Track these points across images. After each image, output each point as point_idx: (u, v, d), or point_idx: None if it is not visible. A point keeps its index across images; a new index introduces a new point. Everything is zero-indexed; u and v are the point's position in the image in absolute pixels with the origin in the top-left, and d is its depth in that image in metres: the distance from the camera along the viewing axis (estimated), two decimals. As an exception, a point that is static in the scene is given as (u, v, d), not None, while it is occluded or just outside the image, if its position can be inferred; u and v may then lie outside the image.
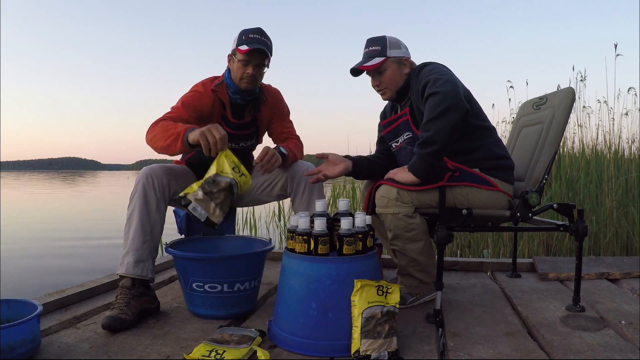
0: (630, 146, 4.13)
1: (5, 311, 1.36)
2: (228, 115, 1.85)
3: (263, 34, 1.75)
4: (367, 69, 1.72)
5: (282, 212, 5.52)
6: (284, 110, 2.00)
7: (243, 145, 1.95)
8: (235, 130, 1.87)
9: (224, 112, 1.84)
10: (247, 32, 1.73)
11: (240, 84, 1.78)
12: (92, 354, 1.29)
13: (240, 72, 1.75)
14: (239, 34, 1.76)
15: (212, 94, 1.81)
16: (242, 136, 1.92)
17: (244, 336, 1.34)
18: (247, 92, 1.82)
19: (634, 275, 2.12)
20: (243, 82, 1.76)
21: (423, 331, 1.47)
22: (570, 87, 1.84)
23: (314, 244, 1.31)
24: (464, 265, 2.39)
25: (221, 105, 1.84)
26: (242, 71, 1.75)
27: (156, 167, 1.73)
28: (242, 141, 1.93)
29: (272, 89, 1.98)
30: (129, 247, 1.61)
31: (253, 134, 1.96)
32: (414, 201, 1.61)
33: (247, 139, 1.94)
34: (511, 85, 4.39)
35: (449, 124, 1.48)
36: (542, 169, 1.74)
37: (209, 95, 1.80)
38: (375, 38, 1.75)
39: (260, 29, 1.76)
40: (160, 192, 1.67)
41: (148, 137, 1.68)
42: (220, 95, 1.82)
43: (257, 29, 1.75)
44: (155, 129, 1.65)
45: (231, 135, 1.85)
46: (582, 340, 1.37)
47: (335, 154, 1.82)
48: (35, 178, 35.11)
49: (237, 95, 1.82)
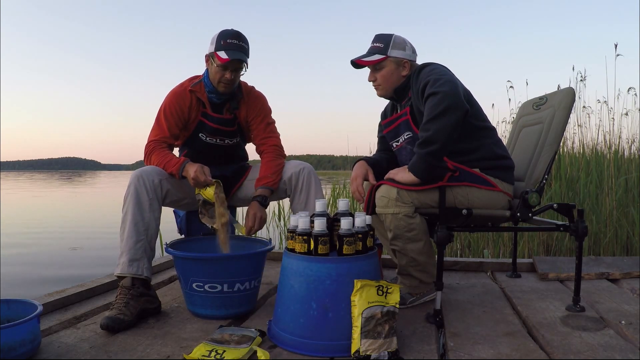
0: (630, 146, 4.13)
1: (5, 311, 1.36)
2: (208, 112, 1.89)
3: (241, 38, 1.76)
4: (364, 64, 1.74)
5: (282, 212, 5.52)
6: (263, 112, 1.97)
7: (229, 142, 1.96)
8: (218, 125, 1.90)
9: (203, 110, 1.89)
10: (225, 37, 1.74)
11: (219, 87, 1.82)
12: (92, 354, 1.29)
13: (219, 76, 1.79)
14: (217, 37, 1.76)
15: (190, 94, 1.86)
16: (226, 132, 1.94)
17: (244, 336, 1.34)
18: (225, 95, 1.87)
19: (634, 275, 2.12)
20: (221, 85, 1.80)
21: (423, 331, 1.47)
22: (570, 87, 1.84)
23: (314, 244, 1.31)
24: (464, 265, 2.39)
25: (200, 103, 1.88)
26: (220, 75, 1.78)
27: (147, 168, 1.75)
28: (227, 138, 1.95)
29: (255, 92, 1.99)
30: (123, 247, 1.62)
31: (237, 132, 1.97)
32: (414, 201, 1.61)
33: (231, 135, 1.96)
34: (511, 85, 4.39)
35: (449, 124, 1.48)
36: (542, 169, 1.73)
37: (187, 96, 1.86)
38: (382, 35, 1.76)
39: (239, 32, 1.77)
40: (152, 192, 1.68)
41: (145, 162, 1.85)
42: (198, 94, 1.87)
43: (235, 33, 1.75)
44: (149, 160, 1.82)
45: (214, 129, 1.90)
46: (582, 340, 1.37)
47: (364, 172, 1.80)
48: (35, 178, 35.11)
49: (213, 95, 1.87)
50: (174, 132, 1.85)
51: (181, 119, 1.85)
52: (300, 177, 1.87)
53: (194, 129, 1.90)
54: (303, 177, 1.88)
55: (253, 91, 1.98)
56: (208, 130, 1.90)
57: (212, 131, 1.90)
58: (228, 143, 1.96)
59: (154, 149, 1.81)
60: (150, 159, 1.80)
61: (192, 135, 1.91)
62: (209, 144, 1.93)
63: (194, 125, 1.89)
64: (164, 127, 1.84)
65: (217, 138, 1.93)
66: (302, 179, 1.87)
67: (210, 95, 1.86)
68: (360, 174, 1.79)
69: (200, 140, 1.92)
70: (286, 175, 1.90)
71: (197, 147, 1.94)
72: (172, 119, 1.84)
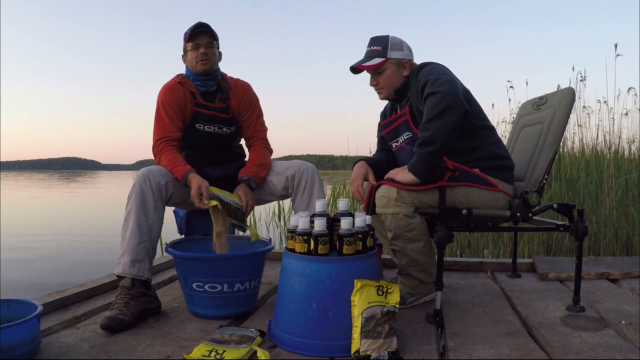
0: (630, 146, 4.13)
1: (5, 311, 1.36)
2: (200, 101, 1.92)
3: (204, 24, 1.85)
4: (366, 69, 1.72)
5: (282, 212, 5.52)
6: (252, 102, 2.01)
7: (226, 130, 1.97)
8: (211, 112, 1.92)
9: (195, 100, 1.91)
10: (190, 27, 1.85)
11: (197, 66, 1.85)
12: (92, 354, 1.29)
13: (195, 56, 1.83)
14: (183, 34, 1.88)
15: (180, 86, 1.89)
16: (223, 119, 1.94)
17: (244, 336, 1.34)
18: (207, 76, 1.88)
19: (634, 275, 2.12)
20: (200, 63, 1.84)
21: (423, 331, 1.47)
22: (570, 87, 1.84)
23: (314, 244, 1.31)
24: (464, 265, 2.39)
25: (191, 94, 1.90)
26: (195, 54, 1.83)
27: (154, 168, 1.73)
28: (225, 126, 1.96)
29: (241, 82, 2.02)
30: (125, 247, 1.61)
31: (232, 121, 1.98)
32: (414, 201, 1.61)
33: (228, 123, 1.96)
34: (511, 86, 4.39)
35: (448, 124, 1.48)
36: (542, 169, 1.74)
37: (178, 89, 1.89)
38: (378, 37, 1.75)
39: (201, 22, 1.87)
40: (157, 193, 1.67)
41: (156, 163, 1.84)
42: (187, 86, 1.90)
43: (197, 23, 1.85)
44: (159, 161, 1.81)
45: (210, 116, 1.92)
46: (582, 340, 1.37)
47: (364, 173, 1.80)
48: (35, 178, 35.10)
49: (197, 82, 1.89)
50: (177, 124, 1.85)
51: (180, 111, 1.87)
52: (304, 177, 1.87)
53: (191, 121, 1.90)
54: (307, 176, 1.88)
55: (239, 82, 2.01)
56: (205, 119, 1.91)
57: (208, 118, 1.91)
58: (226, 131, 1.96)
59: (163, 149, 1.80)
60: (160, 159, 1.80)
61: (190, 128, 1.91)
62: (207, 134, 1.92)
63: (189, 116, 1.90)
64: (165, 122, 1.84)
65: (215, 126, 1.93)
66: (305, 178, 1.87)
67: (196, 83, 1.89)
68: (360, 174, 1.79)
69: (199, 131, 1.91)
70: (289, 173, 1.90)
71: (197, 140, 1.93)
72: (171, 112, 1.85)
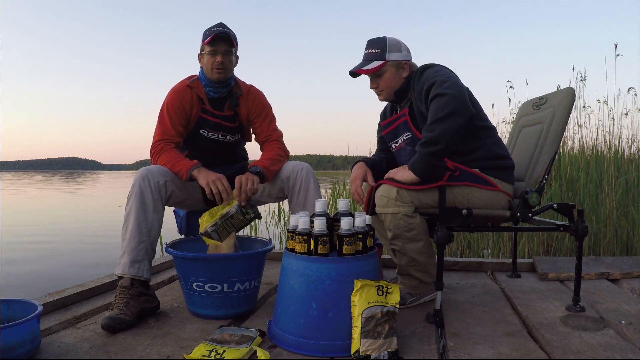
0: (630, 146, 4.13)
1: (5, 311, 1.36)
2: (207, 108, 1.90)
3: (224, 26, 1.83)
4: (366, 72, 1.72)
5: (282, 212, 5.52)
6: (264, 110, 1.99)
7: (230, 138, 1.96)
8: (217, 119, 1.91)
9: (202, 106, 1.90)
10: (210, 28, 1.83)
11: (212, 74, 1.83)
12: (92, 354, 1.29)
13: (211, 62, 1.82)
14: (203, 33, 1.84)
15: (189, 90, 1.88)
16: (228, 128, 1.94)
17: (244, 336, 1.34)
18: (220, 84, 1.87)
19: (634, 275, 2.12)
20: (215, 71, 1.82)
21: (423, 331, 1.47)
22: (570, 87, 1.84)
23: (314, 244, 1.31)
24: (464, 265, 2.39)
25: (199, 99, 1.89)
26: (212, 61, 1.81)
27: (153, 168, 1.73)
28: (229, 134, 1.96)
29: (254, 89, 2.01)
30: (125, 247, 1.62)
31: (238, 129, 1.98)
32: (413, 201, 1.61)
33: (233, 132, 1.96)
34: (511, 85, 4.39)
35: (454, 127, 1.49)
36: (542, 169, 1.74)
37: (187, 92, 1.88)
38: (376, 40, 1.74)
39: (222, 23, 1.84)
40: (157, 193, 1.67)
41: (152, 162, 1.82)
42: (196, 90, 1.88)
43: (218, 23, 1.83)
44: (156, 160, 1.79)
45: (216, 124, 1.91)
46: (582, 340, 1.37)
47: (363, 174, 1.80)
48: (35, 178, 35.10)
49: (209, 88, 1.88)
50: (178, 129, 1.85)
51: (184, 115, 1.86)
52: (299, 178, 1.87)
53: (195, 126, 1.90)
54: (301, 177, 1.87)
55: (252, 89, 1.99)
56: (210, 126, 1.91)
57: (213, 126, 1.91)
58: (230, 139, 1.97)
59: (163, 149, 1.80)
60: (159, 158, 1.79)
61: (194, 132, 1.91)
62: (211, 140, 1.93)
63: (194, 122, 1.89)
64: (167, 124, 1.84)
65: (219, 133, 1.93)
66: (300, 179, 1.86)
67: (208, 89, 1.88)
68: (359, 175, 1.79)
69: (202, 137, 1.92)
70: (284, 175, 1.89)
71: (199, 145, 1.93)
72: (175, 115, 1.84)
